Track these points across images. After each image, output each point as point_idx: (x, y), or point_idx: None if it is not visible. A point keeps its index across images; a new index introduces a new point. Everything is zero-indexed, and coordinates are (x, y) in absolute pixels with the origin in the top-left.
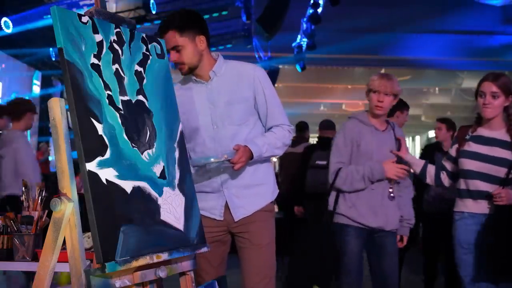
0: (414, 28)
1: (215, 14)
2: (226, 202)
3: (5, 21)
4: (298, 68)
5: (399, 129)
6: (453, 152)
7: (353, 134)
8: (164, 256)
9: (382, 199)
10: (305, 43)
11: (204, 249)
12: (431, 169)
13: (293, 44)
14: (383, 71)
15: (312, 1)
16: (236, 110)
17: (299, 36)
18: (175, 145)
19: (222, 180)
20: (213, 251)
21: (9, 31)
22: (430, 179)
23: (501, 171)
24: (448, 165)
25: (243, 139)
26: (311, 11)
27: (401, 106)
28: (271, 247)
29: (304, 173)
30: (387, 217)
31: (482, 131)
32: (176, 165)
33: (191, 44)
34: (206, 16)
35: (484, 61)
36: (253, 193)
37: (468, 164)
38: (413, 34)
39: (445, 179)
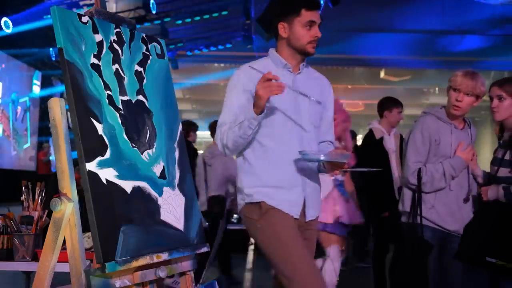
0: (414, 29)
1: (215, 14)
2: (304, 200)
3: (5, 21)
4: None
5: (473, 127)
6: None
7: (431, 131)
8: (164, 256)
9: (459, 201)
10: None
11: (204, 249)
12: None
13: None
14: (383, 71)
15: None
16: (314, 108)
17: None
18: (175, 145)
19: (303, 176)
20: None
21: (9, 31)
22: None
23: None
24: None
25: (313, 140)
26: None
27: (388, 105)
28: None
29: None
30: (463, 220)
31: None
32: (176, 165)
33: None
34: (206, 16)
35: (482, 61)
36: (318, 198)
37: (491, 170)
38: (413, 34)
39: None
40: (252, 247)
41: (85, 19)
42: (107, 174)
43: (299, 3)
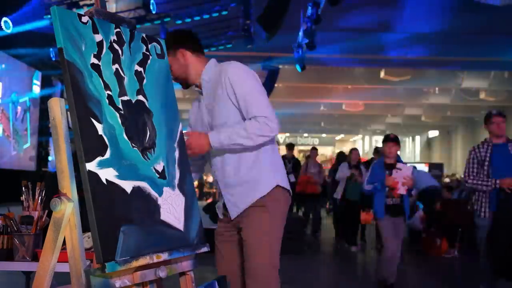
0: (413, 28)
1: (215, 14)
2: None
3: (5, 21)
4: (298, 68)
5: None
6: None
7: None
8: (164, 256)
9: None
10: (305, 43)
11: (204, 249)
12: None
13: (293, 44)
14: (383, 71)
15: (312, 1)
16: (216, 110)
17: (299, 36)
18: (175, 145)
19: (219, 179)
20: (228, 252)
21: (9, 31)
22: None
23: None
24: None
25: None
26: (311, 11)
27: None
28: (263, 244)
29: None
30: None
31: None
32: (176, 165)
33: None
34: (206, 16)
35: (484, 61)
36: (241, 191)
37: None
38: (412, 33)
39: None
40: None
41: (85, 19)
42: (107, 174)
43: None
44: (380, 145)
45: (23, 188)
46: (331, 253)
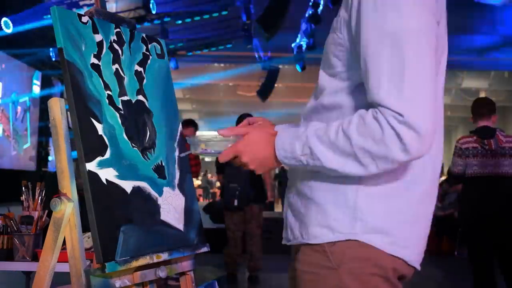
0: None
1: (215, 14)
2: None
3: (5, 21)
4: (298, 68)
5: None
6: None
7: None
8: (164, 256)
9: None
10: (305, 43)
11: (204, 249)
12: None
13: (293, 44)
14: None
15: (312, 1)
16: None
17: (299, 36)
18: (175, 145)
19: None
20: None
21: (9, 31)
22: None
23: None
24: None
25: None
26: (311, 11)
27: None
28: None
29: None
30: None
31: None
32: (176, 165)
33: None
34: (206, 16)
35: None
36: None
37: None
38: None
39: None
40: None
41: (85, 19)
42: (107, 174)
43: None
44: None
45: (23, 188)
46: None
